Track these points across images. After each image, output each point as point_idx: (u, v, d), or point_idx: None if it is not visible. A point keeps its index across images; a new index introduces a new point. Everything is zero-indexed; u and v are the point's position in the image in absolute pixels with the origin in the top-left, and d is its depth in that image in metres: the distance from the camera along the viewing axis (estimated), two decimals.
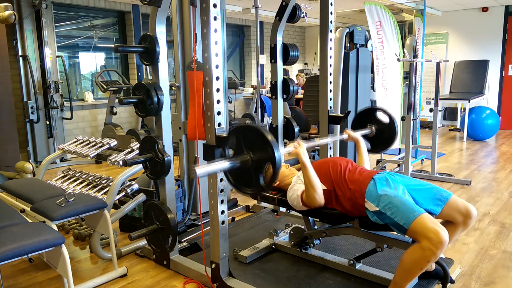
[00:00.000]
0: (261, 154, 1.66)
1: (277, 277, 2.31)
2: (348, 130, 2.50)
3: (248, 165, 1.70)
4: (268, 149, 1.62)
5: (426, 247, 1.71)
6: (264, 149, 1.64)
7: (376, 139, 2.67)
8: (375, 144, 2.69)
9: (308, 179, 2.04)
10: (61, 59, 5.73)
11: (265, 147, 1.63)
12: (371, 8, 4.18)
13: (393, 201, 1.88)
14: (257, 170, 1.69)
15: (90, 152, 3.09)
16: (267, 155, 1.63)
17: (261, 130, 1.65)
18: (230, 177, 1.81)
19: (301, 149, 2.04)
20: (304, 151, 2.05)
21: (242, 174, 1.76)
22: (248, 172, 1.72)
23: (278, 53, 3.03)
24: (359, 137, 2.48)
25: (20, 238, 1.80)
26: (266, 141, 1.62)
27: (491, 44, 7.90)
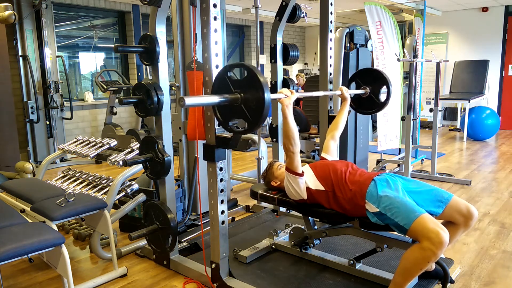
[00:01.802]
0: (251, 93, 1.70)
1: (277, 277, 2.31)
2: (343, 87, 2.58)
3: (237, 103, 1.74)
4: (258, 91, 1.66)
5: (426, 247, 1.71)
6: (255, 89, 1.68)
7: (367, 101, 2.76)
8: (366, 106, 2.78)
9: (285, 127, 2.07)
10: (61, 59, 5.73)
11: (256, 88, 1.67)
12: (371, 8, 4.18)
13: (394, 202, 1.88)
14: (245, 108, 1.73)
15: (90, 152, 3.09)
16: (257, 95, 1.67)
17: (254, 71, 1.69)
18: (218, 114, 1.85)
19: (288, 101, 2.07)
20: (290, 102, 2.08)
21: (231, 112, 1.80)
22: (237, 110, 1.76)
23: (278, 53, 3.03)
24: (349, 98, 2.58)
25: (20, 238, 1.80)
26: (258, 82, 1.66)
27: (491, 44, 7.90)
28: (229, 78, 1.78)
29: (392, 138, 4.38)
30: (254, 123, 1.72)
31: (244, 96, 1.74)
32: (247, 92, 1.73)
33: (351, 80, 2.81)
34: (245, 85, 1.74)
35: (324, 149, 2.52)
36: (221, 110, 1.84)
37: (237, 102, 1.74)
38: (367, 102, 2.76)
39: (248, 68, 1.71)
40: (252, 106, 1.71)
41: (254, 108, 1.70)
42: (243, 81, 1.74)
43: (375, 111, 2.79)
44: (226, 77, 1.79)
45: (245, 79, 1.74)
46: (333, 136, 2.53)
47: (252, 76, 1.69)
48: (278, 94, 2.07)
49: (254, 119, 1.71)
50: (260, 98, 1.66)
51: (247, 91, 1.73)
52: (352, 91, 2.65)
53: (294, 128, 2.09)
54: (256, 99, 1.68)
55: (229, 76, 1.79)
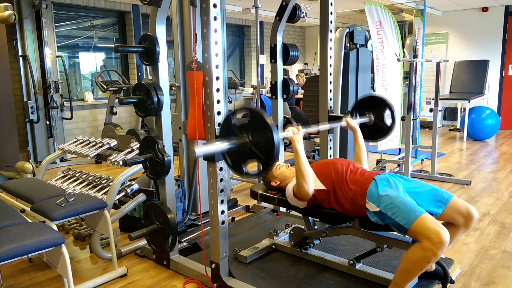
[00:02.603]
0: (260, 136, 1.67)
1: (277, 277, 2.31)
2: (347, 118, 2.52)
3: (246, 147, 1.71)
4: (267, 132, 1.63)
5: (426, 247, 1.71)
6: (263, 131, 1.65)
7: (373, 128, 2.69)
8: (372, 133, 2.71)
9: (298, 166, 2.07)
10: (61, 59, 5.73)
11: (264, 130, 1.64)
12: (371, 8, 4.18)
13: (394, 202, 1.88)
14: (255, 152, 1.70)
15: (90, 152, 3.09)
16: (266, 138, 1.64)
17: (261, 113, 1.66)
18: (228, 159, 1.82)
19: (297, 137, 2.09)
20: (299, 138, 2.10)
21: (240, 156, 1.77)
22: (246, 154, 1.73)
23: (278, 53, 3.03)
24: (356, 127, 2.50)
25: (20, 238, 1.80)
26: (266, 124, 1.63)
27: (491, 44, 7.90)
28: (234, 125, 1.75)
29: (392, 138, 4.38)
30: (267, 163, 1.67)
31: (253, 139, 1.70)
32: (255, 134, 1.69)
33: (352, 111, 2.75)
34: (252, 127, 1.70)
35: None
36: (231, 155, 1.80)
37: (246, 146, 1.71)
38: (374, 129, 2.68)
39: (255, 112, 1.68)
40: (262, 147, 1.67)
41: (265, 149, 1.66)
42: (249, 123, 1.71)
43: (383, 137, 2.70)
44: (231, 124, 1.76)
45: (251, 122, 1.70)
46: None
47: (259, 119, 1.66)
48: (286, 133, 2.07)
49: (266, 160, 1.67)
50: (269, 140, 1.62)
51: (255, 133, 1.69)
52: (356, 120, 2.57)
53: (307, 165, 2.07)
54: (266, 141, 1.64)
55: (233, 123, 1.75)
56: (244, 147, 1.71)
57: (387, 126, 2.65)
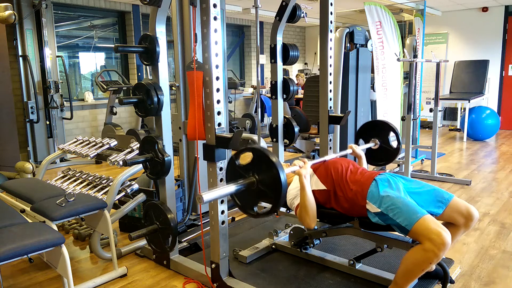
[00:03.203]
0: (266, 175, 1.65)
1: (277, 277, 2.31)
2: (353, 145, 2.53)
3: (253, 187, 1.69)
4: (273, 171, 1.61)
5: (428, 249, 1.71)
6: (269, 171, 1.63)
7: (380, 152, 2.69)
8: (380, 157, 2.71)
9: (303, 201, 2.04)
10: (61, 59, 5.73)
11: (270, 169, 1.62)
12: (371, 8, 4.18)
13: (396, 203, 1.88)
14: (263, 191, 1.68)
15: (90, 152, 3.09)
16: (272, 177, 1.62)
17: (266, 152, 1.65)
18: (237, 200, 1.79)
19: (304, 171, 2.04)
20: (307, 173, 2.05)
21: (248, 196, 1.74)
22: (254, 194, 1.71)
23: (278, 53, 3.03)
24: (362, 154, 2.50)
25: (20, 238, 1.80)
26: (271, 163, 1.61)
27: (491, 44, 7.90)
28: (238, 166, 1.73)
29: None
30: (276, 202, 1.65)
31: (259, 178, 1.68)
32: (261, 174, 1.67)
33: (357, 137, 2.77)
34: (257, 167, 1.68)
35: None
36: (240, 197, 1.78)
37: (253, 186, 1.69)
38: (380, 153, 2.69)
39: (259, 151, 1.67)
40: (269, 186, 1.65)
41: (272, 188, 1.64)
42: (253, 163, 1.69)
43: (389, 161, 2.71)
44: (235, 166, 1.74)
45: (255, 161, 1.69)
46: None
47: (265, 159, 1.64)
48: (293, 168, 2.04)
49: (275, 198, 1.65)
50: (276, 179, 1.60)
51: (261, 173, 1.67)
52: (362, 146, 2.59)
53: (312, 200, 2.04)
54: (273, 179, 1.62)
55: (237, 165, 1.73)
56: (251, 187, 1.69)
57: (393, 148, 2.64)
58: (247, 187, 1.69)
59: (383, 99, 4.37)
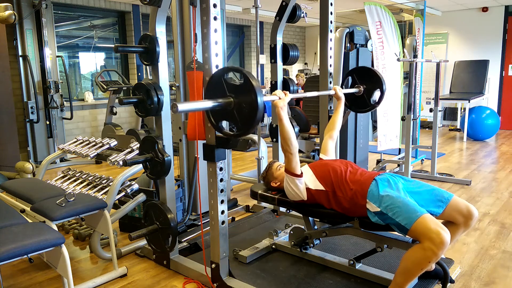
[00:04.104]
0: (244, 97, 1.70)
1: (277, 277, 2.31)
2: (336, 87, 2.61)
3: (230, 107, 1.74)
4: (251, 94, 1.66)
5: (427, 248, 1.71)
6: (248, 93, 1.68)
7: (362, 99, 2.77)
8: (360, 104, 2.80)
9: (281, 129, 2.09)
10: (61, 59, 5.73)
11: (249, 92, 1.67)
12: (371, 8, 4.18)
13: (395, 202, 1.88)
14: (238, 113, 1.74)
15: (90, 152, 3.09)
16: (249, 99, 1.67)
17: (247, 74, 1.69)
18: (212, 118, 1.86)
19: (282, 103, 2.08)
20: (284, 105, 2.09)
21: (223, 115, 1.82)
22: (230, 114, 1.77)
23: (278, 53, 3.03)
24: (342, 97, 2.60)
25: (20, 238, 1.80)
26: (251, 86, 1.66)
27: (491, 44, 7.90)
28: (225, 81, 1.79)
29: (392, 138, 4.38)
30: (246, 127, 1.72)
31: (237, 101, 1.74)
32: (240, 96, 1.73)
33: (347, 74, 2.84)
34: (239, 90, 1.74)
35: (322, 150, 2.53)
36: (214, 114, 1.86)
37: (230, 106, 1.75)
38: (361, 101, 2.78)
39: (240, 71, 1.72)
40: (245, 110, 1.71)
41: (247, 112, 1.70)
42: (238, 85, 1.75)
43: (366, 111, 2.82)
44: (222, 79, 1.79)
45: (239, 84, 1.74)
46: (331, 136, 2.54)
47: (245, 80, 1.69)
48: (271, 96, 2.08)
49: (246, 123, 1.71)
50: (253, 102, 1.66)
51: (240, 95, 1.73)
52: (346, 90, 2.68)
53: (290, 129, 2.09)
54: (249, 102, 1.68)
55: (225, 79, 1.79)
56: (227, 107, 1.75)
57: (371, 102, 2.73)
58: (224, 107, 1.75)
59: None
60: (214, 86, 1.82)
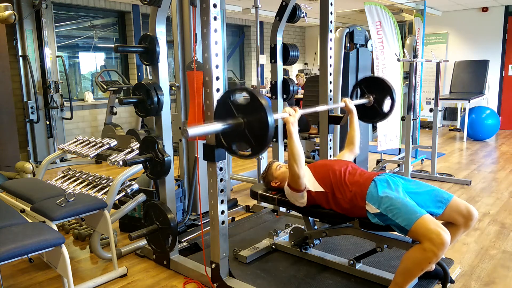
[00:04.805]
0: (254, 117, 1.67)
1: (277, 277, 2.31)
2: (346, 99, 2.53)
3: (241, 128, 1.71)
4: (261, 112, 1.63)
5: (428, 248, 1.71)
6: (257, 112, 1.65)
7: (372, 109, 2.69)
8: (371, 115, 2.71)
9: (291, 148, 2.05)
10: (61, 59, 5.73)
11: (258, 110, 1.64)
12: (371, 8, 4.18)
13: (395, 203, 1.88)
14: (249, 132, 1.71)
15: (90, 152, 3.09)
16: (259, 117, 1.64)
17: (256, 94, 1.67)
18: (224, 141, 1.82)
19: (293, 119, 2.05)
20: (295, 121, 2.06)
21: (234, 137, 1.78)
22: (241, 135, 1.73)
23: (278, 53, 3.03)
24: (353, 109, 2.51)
25: (20, 238, 1.80)
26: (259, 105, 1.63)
27: (491, 44, 7.90)
28: (232, 102, 1.75)
29: (392, 138, 4.38)
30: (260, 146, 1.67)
31: (247, 121, 1.70)
32: (250, 116, 1.69)
33: (355, 86, 2.76)
34: (248, 109, 1.70)
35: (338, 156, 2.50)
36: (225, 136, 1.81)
37: (241, 127, 1.71)
38: (371, 111, 2.69)
39: (249, 92, 1.68)
40: (256, 130, 1.67)
41: (259, 130, 1.66)
42: (246, 105, 1.71)
43: (377, 121, 2.74)
44: (229, 101, 1.75)
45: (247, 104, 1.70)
46: (351, 150, 2.49)
47: (254, 100, 1.66)
48: (282, 114, 2.06)
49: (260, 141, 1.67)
50: (263, 121, 1.62)
51: (250, 115, 1.69)
52: (356, 102, 2.58)
53: (299, 146, 2.05)
54: (260, 122, 1.64)
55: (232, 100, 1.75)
56: (238, 128, 1.72)
57: (384, 112, 2.65)
58: (234, 128, 1.71)
59: None
60: (222, 109, 1.78)
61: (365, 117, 2.73)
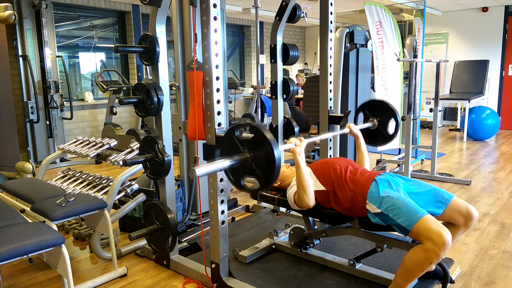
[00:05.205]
0: (260, 152, 1.66)
1: (277, 277, 2.31)
2: (351, 125, 2.50)
3: (247, 163, 1.70)
4: (267, 147, 1.62)
5: (429, 249, 1.71)
6: (264, 147, 1.64)
7: (377, 132, 2.67)
8: (376, 138, 2.68)
9: (299, 179, 2.04)
10: (61, 59, 5.73)
11: (263, 144, 1.63)
12: (371, 8, 4.18)
13: (396, 203, 1.87)
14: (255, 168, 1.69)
15: (90, 152, 3.09)
16: (266, 153, 1.63)
17: (260, 129, 1.66)
18: (230, 176, 1.81)
19: (299, 149, 2.04)
20: (301, 151, 2.05)
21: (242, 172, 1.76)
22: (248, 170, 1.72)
23: (278, 53, 3.03)
24: (359, 133, 2.47)
25: (20, 238, 1.80)
26: (265, 139, 1.63)
27: (491, 44, 7.90)
28: (237, 138, 1.74)
29: None
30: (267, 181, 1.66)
31: (253, 155, 1.69)
32: (256, 150, 1.68)
33: (359, 110, 2.75)
34: (253, 144, 1.69)
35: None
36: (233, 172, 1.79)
37: (247, 162, 1.70)
38: (375, 134, 2.67)
39: (254, 127, 1.68)
40: (263, 164, 1.66)
41: (266, 164, 1.65)
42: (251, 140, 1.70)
43: (383, 143, 2.70)
44: (234, 137, 1.74)
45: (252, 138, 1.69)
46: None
47: (259, 134, 1.65)
48: (288, 145, 2.04)
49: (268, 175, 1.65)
50: (270, 155, 1.61)
51: (256, 149, 1.68)
52: (360, 126, 2.57)
53: (308, 176, 2.04)
54: (266, 156, 1.63)
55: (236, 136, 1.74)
56: (245, 163, 1.70)
57: (389, 134, 2.62)
58: (241, 163, 1.70)
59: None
60: (227, 146, 1.77)
61: (371, 140, 2.69)
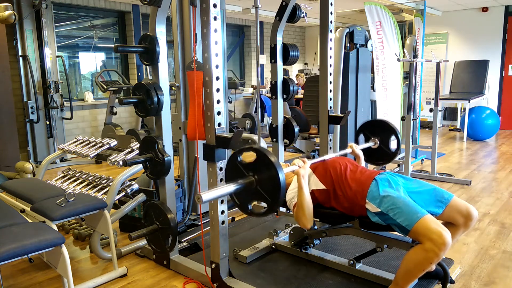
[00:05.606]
0: (265, 177, 1.66)
1: (277, 277, 2.31)
2: (352, 144, 2.53)
3: (252, 186, 1.70)
4: (273, 173, 1.62)
5: (429, 249, 1.71)
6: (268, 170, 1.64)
7: (377, 152, 2.69)
8: (376, 157, 2.70)
9: (300, 200, 2.04)
10: (61, 59, 5.73)
11: (268, 167, 1.63)
12: (371, 8, 4.18)
13: (396, 202, 1.87)
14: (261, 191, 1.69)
15: (90, 152, 3.09)
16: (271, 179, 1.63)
17: (265, 152, 1.66)
18: (237, 201, 1.80)
19: (303, 171, 2.05)
20: (305, 172, 2.06)
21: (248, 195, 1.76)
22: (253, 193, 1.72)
23: (278, 53, 3.03)
24: (360, 153, 2.50)
25: (20, 238, 1.80)
26: (272, 165, 1.62)
27: (491, 44, 7.90)
28: (240, 163, 1.74)
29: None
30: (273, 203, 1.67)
31: (258, 178, 1.69)
32: (261, 173, 1.68)
33: (359, 132, 2.77)
34: (257, 167, 1.69)
35: None
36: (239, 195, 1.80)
37: (252, 185, 1.70)
38: (378, 152, 2.69)
39: (259, 151, 1.68)
40: (268, 186, 1.66)
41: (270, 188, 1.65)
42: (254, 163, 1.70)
43: (386, 162, 2.72)
44: (237, 162, 1.75)
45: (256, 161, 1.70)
46: None
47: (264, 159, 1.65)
48: (292, 167, 2.05)
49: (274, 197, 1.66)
50: (275, 179, 1.62)
51: (260, 172, 1.68)
52: (362, 146, 2.59)
53: (309, 199, 2.04)
54: (271, 179, 1.63)
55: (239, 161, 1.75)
56: (250, 187, 1.70)
57: (391, 151, 2.64)
58: (246, 187, 1.70)
59: (383, 99, 4.37)
60: (231, 171, 1.78)
61: (373, 159, 2.71)
